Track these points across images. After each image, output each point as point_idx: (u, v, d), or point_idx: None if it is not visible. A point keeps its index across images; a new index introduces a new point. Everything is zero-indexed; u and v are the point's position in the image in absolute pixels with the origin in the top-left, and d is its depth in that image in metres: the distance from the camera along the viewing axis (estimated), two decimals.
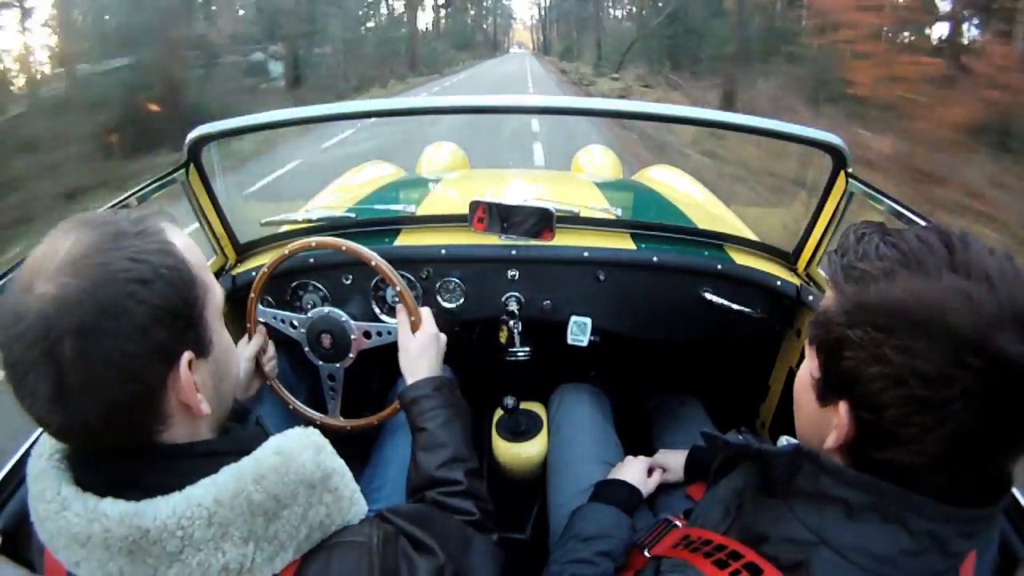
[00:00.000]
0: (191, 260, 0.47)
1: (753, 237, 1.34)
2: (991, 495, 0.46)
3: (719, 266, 1.18)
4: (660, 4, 19.10)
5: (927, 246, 0.43)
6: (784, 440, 0.60)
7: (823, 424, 0.49)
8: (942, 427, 0.41)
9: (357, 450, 1.05)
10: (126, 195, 1.04)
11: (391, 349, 0.94)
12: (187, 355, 0.46)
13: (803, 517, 0.48)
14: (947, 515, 0.44)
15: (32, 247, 0.45)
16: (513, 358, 1.27)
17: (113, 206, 0.98)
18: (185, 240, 0.48)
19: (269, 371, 1.04)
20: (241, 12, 16.15)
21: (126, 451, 0.45)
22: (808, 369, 0.51)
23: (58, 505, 0.43)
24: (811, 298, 1.12)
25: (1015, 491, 0.66)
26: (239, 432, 0.55)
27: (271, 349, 1.05)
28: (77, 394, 0.41)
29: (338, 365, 1.05)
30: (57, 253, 0.42)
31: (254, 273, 1.09)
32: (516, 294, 1.22)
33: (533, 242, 1.15)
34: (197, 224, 1.18)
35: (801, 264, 1.22)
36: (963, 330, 0.39)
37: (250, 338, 1.03)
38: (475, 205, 1.15)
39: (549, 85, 19.98)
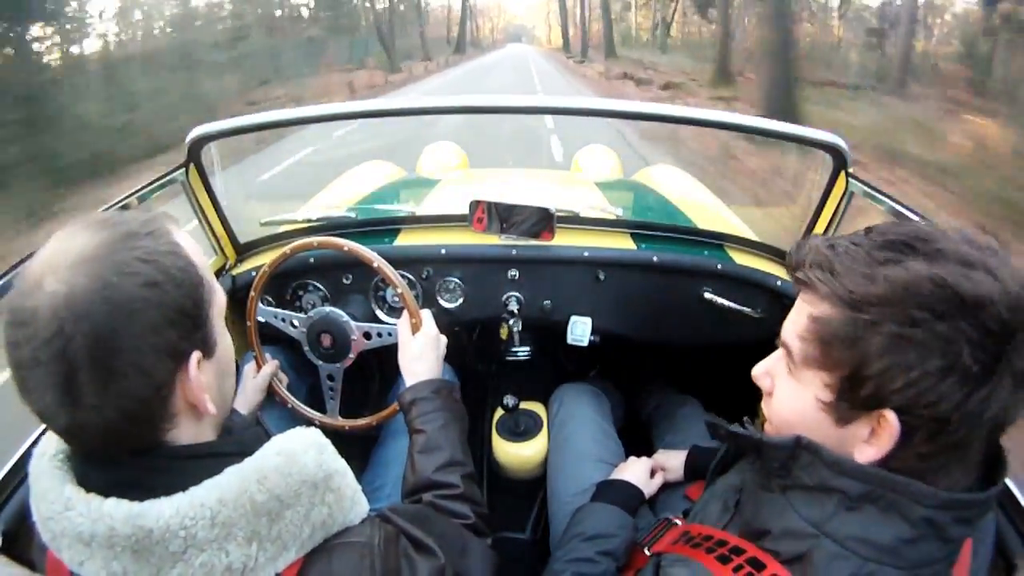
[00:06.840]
0: (197, 261, 0.48)
1: (753, 237, 1.34)
2: (988, 479, 0.47)
3: (719, 266, 1.18)
4: None
5: (912, 234, 0.44)
6: None
7: (846, 440, 0.47)
8: (993, 402, 0.41)
9: (357, 451, 1.05)
10: (126, 195, 1.03)
11: (391, 350, 0.94)
12: (196, 355, 0.46)
13: (802, 510, 0.48)
14: (944, 501, 0.44)
15: None
16: (513, 358, 1.27)
17: (113, 206, 0.98)
18: (189, 241, 0.49)
19: (280, 391, 1.07)
20: None
21: (130, 452, 0.45)
22: (808, 397, 0.48)
23: (62, 505, 0.43)
24: None
25: (1014, 489, 0.67)
26: (241, 433, 0.55)
27: (282, 374, 1.08)
28: (88, 393, 0.41)
29: (338, 365, 1.05)
30: (68, 252, 0.42)
31: (254, 273, 1.09)
32: (516, 294, 1.22)
33: (533, 242, 1.15)
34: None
35: None
36: (996, 303, 0.40)
37: (259, 367, 1.05)
38: (475, 205, 1.15)
39: None
